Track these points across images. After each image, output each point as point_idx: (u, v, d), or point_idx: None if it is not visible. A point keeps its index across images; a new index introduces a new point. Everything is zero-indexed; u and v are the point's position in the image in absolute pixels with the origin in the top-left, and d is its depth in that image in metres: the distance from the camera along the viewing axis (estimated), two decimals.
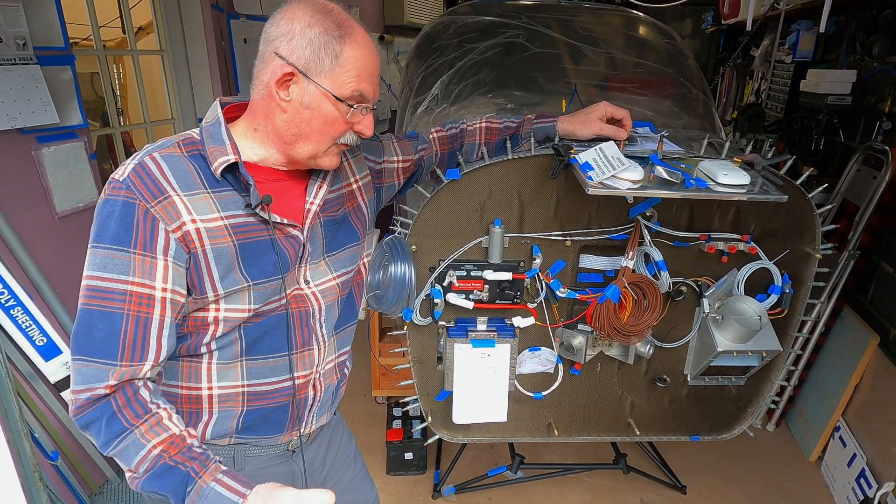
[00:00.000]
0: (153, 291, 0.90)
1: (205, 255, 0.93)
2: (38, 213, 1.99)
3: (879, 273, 2.62)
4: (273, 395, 1.07)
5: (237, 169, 0.96)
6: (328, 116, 0.96)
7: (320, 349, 1.11)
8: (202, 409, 1.04)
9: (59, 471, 2.01)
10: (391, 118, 5.07)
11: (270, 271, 0.99)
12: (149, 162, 0.92)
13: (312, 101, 0.95)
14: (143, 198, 0.89)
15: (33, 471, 1.67)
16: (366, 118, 1.00)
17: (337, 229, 1.12)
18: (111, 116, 2.79)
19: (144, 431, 0.89)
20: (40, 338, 1.96)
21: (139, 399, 0.90)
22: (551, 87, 2.04)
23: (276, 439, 1.12)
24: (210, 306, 0.97)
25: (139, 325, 0.90)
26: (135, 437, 0.89)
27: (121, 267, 0.89)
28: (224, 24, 2.95)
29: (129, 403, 0.90)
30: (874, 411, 2.40)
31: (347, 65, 0.94)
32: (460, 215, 1.56)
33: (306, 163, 1.01)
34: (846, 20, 3.05)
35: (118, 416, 0.89)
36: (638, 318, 1.58)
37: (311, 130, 0.97)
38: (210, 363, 1.02)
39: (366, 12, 4.59)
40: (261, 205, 0.96)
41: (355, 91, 0.95)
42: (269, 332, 1.03)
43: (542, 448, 2.66)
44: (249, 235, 0.97)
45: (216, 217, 0.94)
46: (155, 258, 0.90)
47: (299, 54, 0.92)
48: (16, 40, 1.82)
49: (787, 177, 1.50)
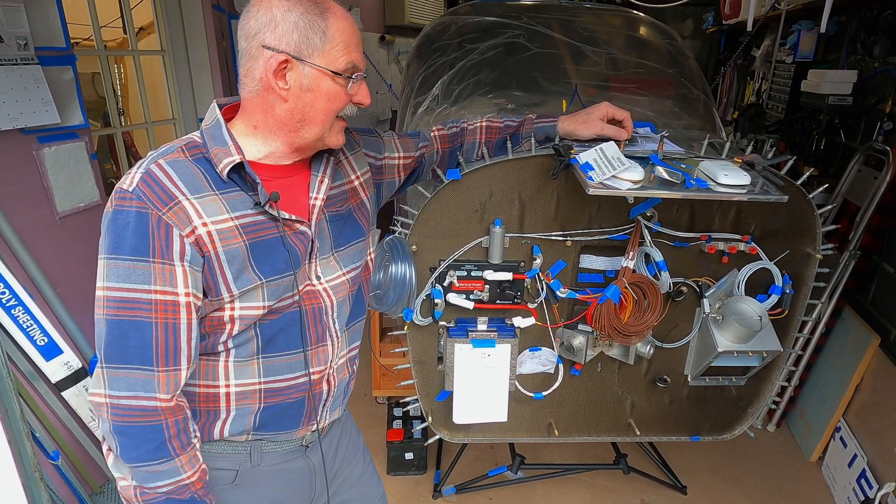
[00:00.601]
0: (177, 298, 0.92)
1: (217, 257, 0.94)
2: (39, 213, 1.99)
3: (880, 273, 2.61)
4: (289, 392, 1.08)
5: (242, 169, 0.97)
6: (330, 93, 0.97)
7: (334, 344, 1.12)
8: (220, 407, 1.05)
9: (60, 470, 2.01)
10: (392, 118, 5.07)
11: (282, 268, 1.00)
12: (155, 169, 0.93)
13: (312, 83, 0.96)
14: (155, 206, 0.90)
15: (34, 470, 1.67)
16: (361, 87, 1.01)
17: (343, 225, 1.13)
18: (112, 116, 2.79)
19: (185, 462, 0.97)
20: (41, 337, 1.96)
21: (188, 430, 0.98)
22: (552, 88, 2.04)
23: (292, 434, 1.13)
24: (226, 306, 0.98)
25: (168, 332, 0.92)
26: (175, 466, 0.96)
27: (143, 277, 0.90)
28: (225, 25, 2.96)
29: (179, 434, 0.95)
30: (875, 412, 2.40)
31: (335, 39, 0.94)
32: (461, 215, 1.56)
33: (313, 145, 1.03)
34: (847, 20, 3.05)
35: (167, 445, 0.94)
36: (638, 318, 1.58)
37: (315, 112, 0.98)
38: (227, 361, 1.03)
39: (366, 12, 4.59)
40: (269, 202, 0.97)
41: (349, 63, 0.96)
42: (284, 329, 1.04)
43: (542, 448, 2.66)
44: (259, 234, 0.98)
45: (226, 218, 0.95)
46: (173, 265, 0.91)
47: (288, 40, 0.93)
48: (17, 40, 1.82)
49: (788, 177, 1.50)
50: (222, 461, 1.09)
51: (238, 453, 1.09)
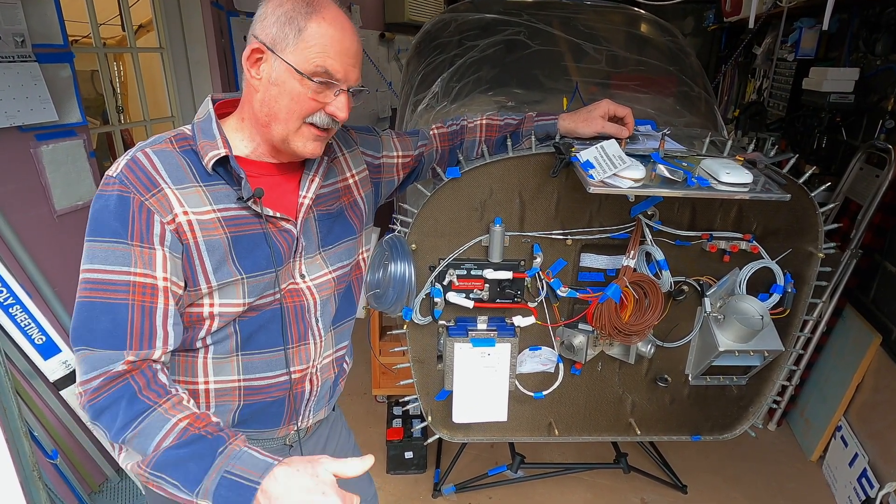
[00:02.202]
0: (155, 281, 0.91)
1: (197, 246, 0.94)
2: (37, 211, 1.98)
3: (882, 272, 2.61)
4: (269, 390, 1.07)
5: (229, 163, 0.97)
6: (293, 92, 0.95)
7: (316, 344, 1.11)
8: (199, 404, 1.04)
9: (59, 469, 2.01)
10: (391, 116, 5.06)
11: (263, 265, 1.00)
12: (141, 157, 0.94)
13: (279, 77, 0.95)
14: (138, 191, 0.91)
15: (32, 469, 1.66)
16: (338, 99, 0.97)
17: (332, 223, 1.12)
18: (111, 114, 2.79)
19: (168, 408, 0.87)
20: (39, 336, 1.96)
21: (158, 381, 0.90)
22: (552, 85, 2.03)
23: (273, 433, 1.12)
24: (204, 300, 0.97)
25: (145, 314, 0.91)
26: (158, 414, 0.86)
27: (122, 259, 0.90)
28: (224, 22, 2.94)
29: (149, 385, 0.89)
30: (876, 411, 2.40)
31: (311, 40, 0.93)
32: (460, 214, 1.55)
33: (282, 147, 1.00)
34: (849, 18, 3.03)
35: (140, 396, 0.87)
36: (639, 317, 1.57)
37: (279, 108, 0.96)
38: (206, 357, 1.02)
39: (367, 10, 4.58)
40: (252, 198, 0.97)
41: (319, 67, 0.94)
42: (264, 326, 1.04)
43: (542, 447, 2.66)
44: (242, 229, 0.98)
45: (208, 210, 0.95)
46: (153, 248, 0.91)
47: (268, 31, 0.94)
48: (14, 38, 1.81)
49: (790, 175, 1.49)
50: None
51: None
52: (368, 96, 4.70)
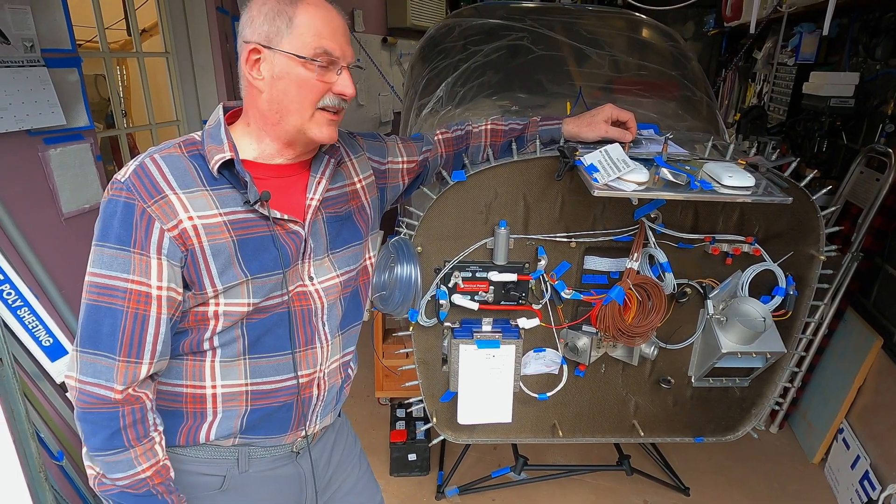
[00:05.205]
0: (149, 290, 0.93)
1: (202, 251, 0.95)
2: (45, 214, 2.00)
3: (882, 275, 2.62)
4: (276, 394, 1.08)
5: (234, 167, 0.98)
6: (300, 79, 0.97)
7: (323, 348, 1.11)
8: (206, 408, 1.05)
9: (65, 471, 2.02)
10: (394, 120, 5.08)
11: (270, 266, 1.01)
12: (149, 163, 0.96)
13: (282, 70, 0.97)
14: (142, 198, 0.93)
15: (39, 471, 1.68)
16: (342, 77, 1.00)
17: (341, 227, 1.13)
18: (116, 118, 2.80)
19: (139, 454, 0.96)
20: (46, 338, 1.97)
21: (145, 423, 0.97)
22: (556, 90, 2.05)
23: (281, 439, 1.12)
24: (210, 301, 0.99)
25: (137, 323, 0.93)
26: (129, 457, 0.96)
27: (123, 266, 0.92)
28: (229, 27, 2.96)
29: (135, 425, 0.95)
30: (878, 413, 2.40)
31: (303, 25, 0.96)
32: (466, 217, 1.57)
33: (298, 138, 1.02)
34: (849, 22, 3.05)
35: (122, 434, 0.95)
36: (642, 319, 1.58)
37: (290, 100, 0.98)
38: (213, 361, 1.03)
39: (369, 15, 4.60)
40: (259, 201, 0.98)
41: (318, 48, 0.96)
42: (271, 329, 1.05)
43: (545, 449, 2.67)
44: (249, 231, 0.99)
45: (214, 213, 0.96)
46: (149, 257, 0.93)
47: (259, 30, 0.97)
48: (24, 42, 1.83)
49: (791, 179, 1.50)
50: (209, 466, 1.08)
51: (225, 458, 1.09)
52: (371, 100, 4.72)
